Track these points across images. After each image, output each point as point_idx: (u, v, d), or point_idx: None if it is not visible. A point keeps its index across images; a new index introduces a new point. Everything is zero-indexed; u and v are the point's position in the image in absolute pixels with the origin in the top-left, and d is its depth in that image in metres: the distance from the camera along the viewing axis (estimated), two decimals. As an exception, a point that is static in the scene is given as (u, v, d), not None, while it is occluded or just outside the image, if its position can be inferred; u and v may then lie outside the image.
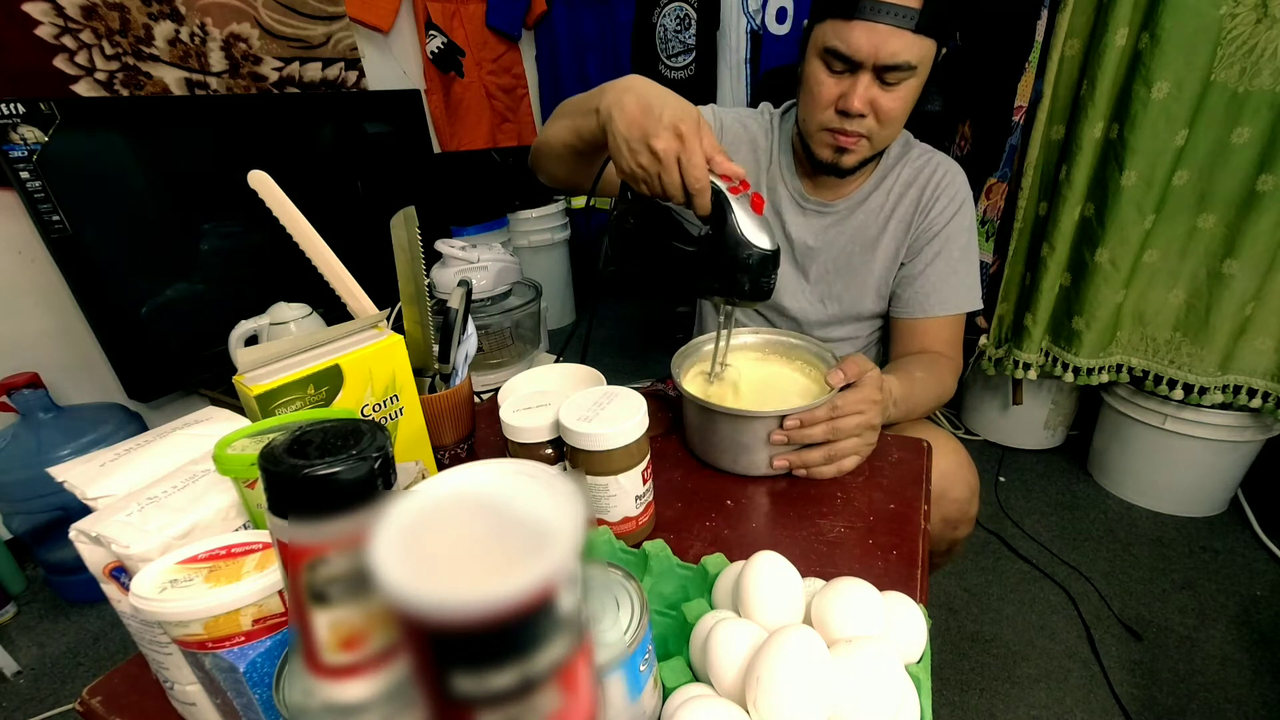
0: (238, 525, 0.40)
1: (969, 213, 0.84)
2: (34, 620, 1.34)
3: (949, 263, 0.82)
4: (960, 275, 0.83)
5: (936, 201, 0.82)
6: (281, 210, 0.52)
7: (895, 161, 0.85)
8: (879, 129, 0.73)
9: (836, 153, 0.76)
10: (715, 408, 0.60)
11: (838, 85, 0.71)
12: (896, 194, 0.84)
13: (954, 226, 0.82)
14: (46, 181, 1.21)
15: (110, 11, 1.42)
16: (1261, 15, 1.09)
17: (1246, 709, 1.02)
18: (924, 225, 0.83)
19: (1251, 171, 1.18)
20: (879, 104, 0.70)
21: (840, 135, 0.74)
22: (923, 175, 0.83)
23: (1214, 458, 1.37)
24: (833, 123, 0.73)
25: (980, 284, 0.86)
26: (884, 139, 0.75)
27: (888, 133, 0.74)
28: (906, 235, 0.84)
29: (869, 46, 0.66)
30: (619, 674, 0.33)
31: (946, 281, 0.82)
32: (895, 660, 0.35)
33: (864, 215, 0.85)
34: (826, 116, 0.73)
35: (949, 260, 0.82)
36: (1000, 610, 1.23)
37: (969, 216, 0.84)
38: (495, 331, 1.35)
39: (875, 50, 0.66)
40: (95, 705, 0.44)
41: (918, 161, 0.84)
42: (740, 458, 0.62)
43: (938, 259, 0.82)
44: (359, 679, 0.30)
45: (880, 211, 0.84)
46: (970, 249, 0.84)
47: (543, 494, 0.15)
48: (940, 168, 0.83)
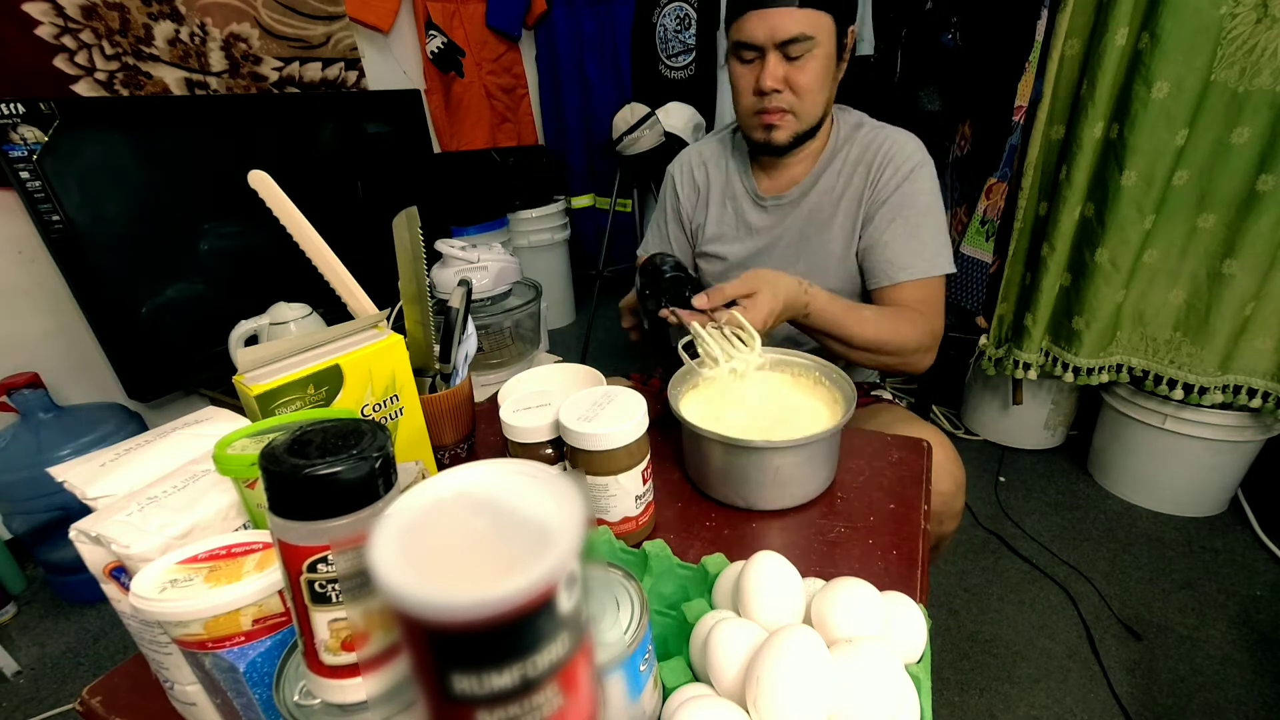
0: (238, 525, 0.40)
1: (925, 176, 0.84)
2: (34, 620, 1.34)
3: (908, 227, 0.83)
4: (922, 239, 0.83)
5: (885, 170, 0.84)
6: (281, 210, 0.52)
7: (844, 142, 0.88)
8: (799, 102, 0.80)
9: (766, 130, 0.83)
10: (711, 435, 0.56)
11: (752, 72, 0.80)
12: (847, 173, 0.87)
13: (907, 190, 0.83)
14: (46, 181, 1.21)
15: (110, 11, 1.42)
16: (1261, 15, 1.09)
17: (1246, 709, 1.02)
18: (874, 195, 0.85)
19: (1251, 171, 1.18)
20: (791, 79, 0.78)
21: (764, 115, 0.81)
22: (870, 149, 0.86)
23: (1214, 458, 1.37)
24: (757, 105, 0.82)
25: (951, 247, 0.86)
26: (808, 111, 0.81)
27: (808, 104, 0.81)
28: (859, 209, 0.86)
29: (764, 30, 0.76)
30: (619, 674, 0.33)
31: (907, 246, 0.83)
32: (895, 660, 0.35)
33: (816, 197, 0.89)
34: (750, 102, 0.82)
35: (907, 224, 0.83)
36: (1000, 610, 1.23)
37: (925, 180, 0.84)
38: (495, 331, 1.35)
39: (771, 31, 0.75)
40: (95, 705, 0.44)
41: (866, 138, 0.87)
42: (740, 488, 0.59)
43: (894, 224, 0.83)
44: (359, 679, 0.31)
45: (832, 191, 0.88)
46: (931, 211, 0.84)
47: (543, 494, 0.15)
48: (889, 139, 0.86)
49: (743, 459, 0.57)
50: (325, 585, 0.28)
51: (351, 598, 0.27)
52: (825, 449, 0.58)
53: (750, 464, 0.57)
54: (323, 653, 0.30)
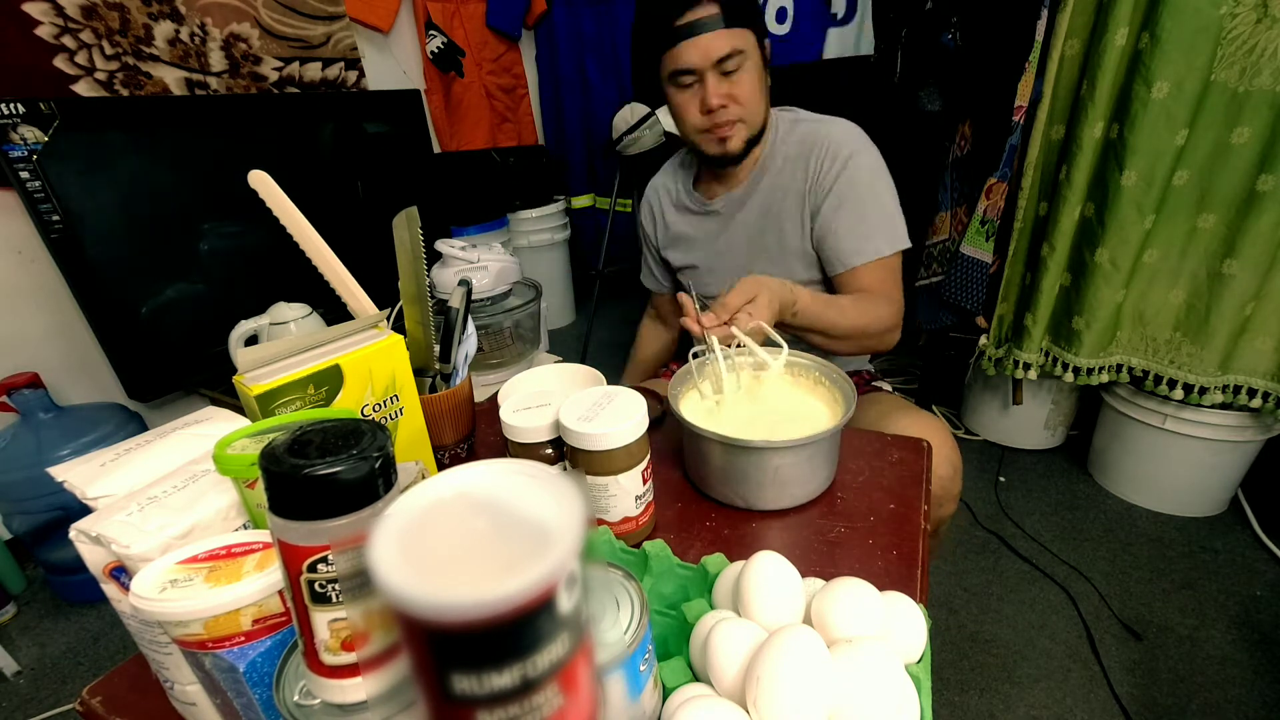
0: (238, 525, 0.40)
1: (864, 159, 0.87)
2: (34, 620, 1.34)
3: (854, 212, 0.86)
4: (870, 222, 0.86)
5: (823, 161, 0.87)
6: (281, 210, 0.52)
7: (782, 139, 0.91)
8: (744, 109, 0.84)
9: (721, 143, 0.86)
10: (711, 435, 0.56)
11: (695, 95, 0.84)
12: (789, 169, 0.90)
13: (848, 177, 0.86)
14: (46, 181, 1.21)
15: (110, 11, 1.42)
16: (1261, 15, 1.09)
17: (1246, 709, 1.02)
18: (817, 186, 0.88)
19: (1251, 171, 1.17)
20: (733, 92, 0.83)
21: (716, 129, 0.85)
22: (806, 143, 0.88)
23: (1214, 458, 1.37)
24: (705, 124, 0.85)
25: (903, 222, 0.88)
26: (754, 115, 0.85)
27: (753, 110, 0.85)
28: (805, 203, 0.89)
29: (698, 54, 0.80)
30: (619, 674, 0.33)
31: (856, 230, 0.86)
32: (895, 660, 0.35)
33: (763, 195, 0.92)
34: (699, 121, 0.86)
35: (853, 210, 0.86)
36: (1000, 610, 1.23)
37: (865, 162, 0.87)
38: (495, 331, 1.35)
39: (705, 54, 0.80)
40: (95, 705, 0.44)
41: (803, 132, 0.89)
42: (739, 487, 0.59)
43: (839, 212, 0.86)
44: (359, 679, 0.31)
45: (775, 189, 0.90)
46: (875, 191, 0.87)
47: (543, 494, 0.15)
48: (824, 130, 0.88)
49: (742, 459, 0.57)
50: (325, 585, 0.28)
51: (351, 598, 0.27)
52: (825, 449, 0.58)
53: (750, 464, 0.57)
54: (323, 653, 0.30)
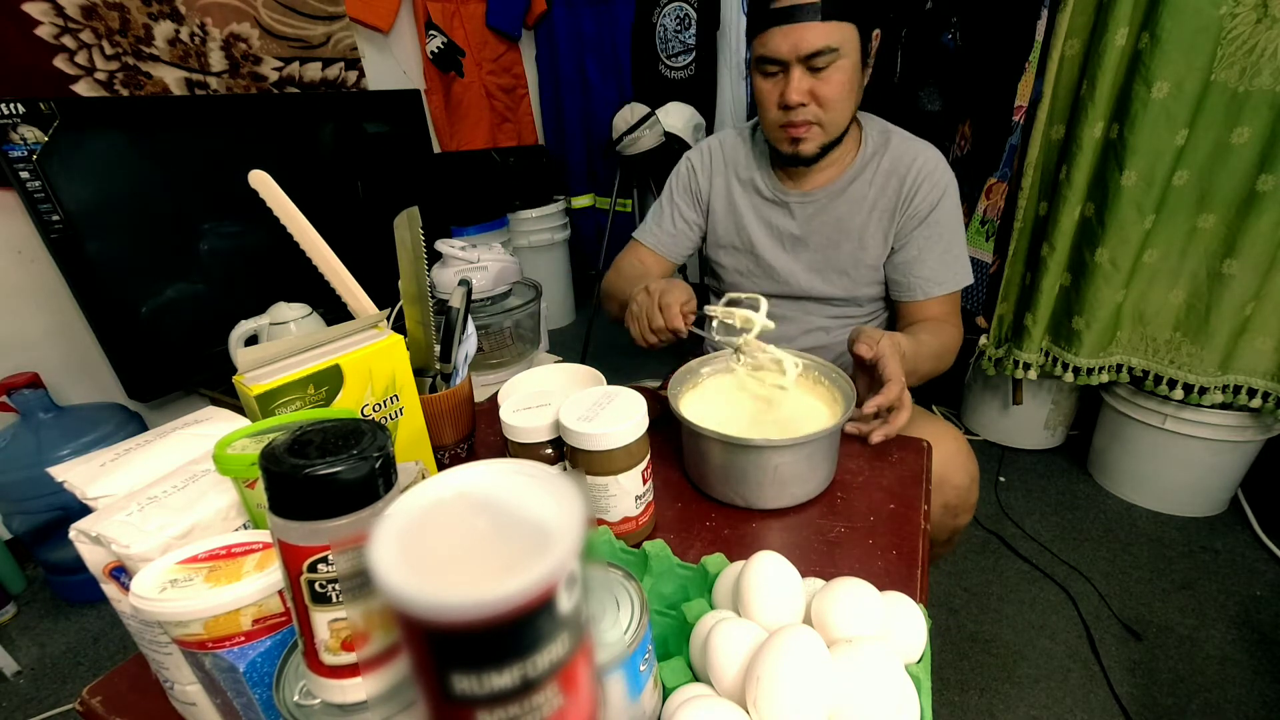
0: (238, 525, 0.40)
1: (953, 195, 0.88)
2: (34, 620, 1.34)
3: (943, 245, 0.87)
4: (953, 256, 0.88)
5: (919, 189, 0.86)
6: (282, 210, 0.52)
7: (874, 152, 0.89)
8: (824, 114, 0.80)
9: (793, 143, 0.83)
10: (711, 435, 0.56)
11: (776, 86, 0.80)
12: (879, 184, 0.88)
13: (940, 211, 0.86)
14: (46, 181, 1.21)
15: (110, 11, 1.42)
16: (1261, 15, 1.09)
17: (1246, 709, 1.02)
18: (909, 213, 0.87)
19: (1251, 171, 1.17)
20: (816, 91, 0.78)
21: (790, 128, 0.81)
22: (902, 164, 0.87)
23: (1214, 458, 1.37)
24: (782, 119, 0.82)
25: (971, 264, 0.91)
26: (834, 122, 0.82)
27: (834, 115, 0.81)
28: (892, 224, 0.88)
29: (787, 45, 0.75)
30: (619, 674, 0.33)
31: (942, 262, 0.87)
32: (895, 660, 0.35)
33: (846, 204, 0.89)
34: (776, 115, 0.82)
35: (942, 243, 0.87)
36: (1000, 610, 1.23)
37: (953, 199, 0.88)
38: (495, 331, 1.35)
39: (794, 46, 0.75)
40: (95, 705, 0.44)
41: (897, 151, 0.88)
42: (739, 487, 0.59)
43: (930, 244, 0.86)
44: (359, 679, 0.31)
45: (864, 201, 0.89)
46: (957, 229, 0.88)
47: (543, 494, 0.15)
48: (920, 155, 0.87)
49: (742, 458, 0.57)
50: (325, 585, 0.28)
51: (351, 598, 0.27)
52: (825, 448, 0.58)
53: (750, 463, 0.57)
54: (323, 653, 0.30)
